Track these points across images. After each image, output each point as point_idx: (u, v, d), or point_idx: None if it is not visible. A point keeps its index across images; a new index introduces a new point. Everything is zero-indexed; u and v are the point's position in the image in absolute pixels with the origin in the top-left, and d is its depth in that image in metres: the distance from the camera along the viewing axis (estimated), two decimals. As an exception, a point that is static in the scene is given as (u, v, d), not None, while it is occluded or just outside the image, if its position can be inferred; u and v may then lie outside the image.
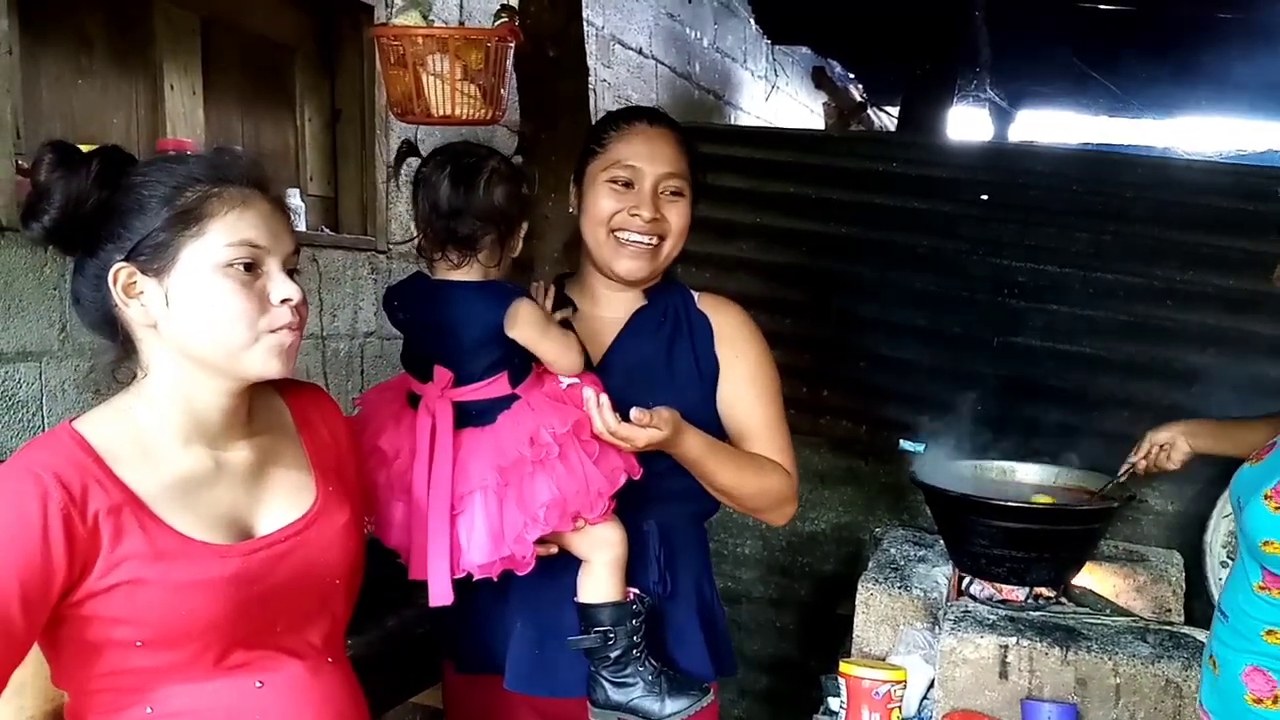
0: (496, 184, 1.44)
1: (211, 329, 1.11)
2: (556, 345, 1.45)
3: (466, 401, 1.44)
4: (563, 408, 1.43)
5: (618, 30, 4.47)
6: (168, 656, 1.09)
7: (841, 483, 2.93)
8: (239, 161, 1.17)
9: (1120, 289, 2.59)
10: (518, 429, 1.41)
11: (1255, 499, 1.37)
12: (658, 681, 1.49)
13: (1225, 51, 4.67)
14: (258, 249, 1.12)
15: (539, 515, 1.40)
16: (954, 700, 1.95)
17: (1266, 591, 1.35)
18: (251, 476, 1.20)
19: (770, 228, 2.93)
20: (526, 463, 1.40)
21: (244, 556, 1.13)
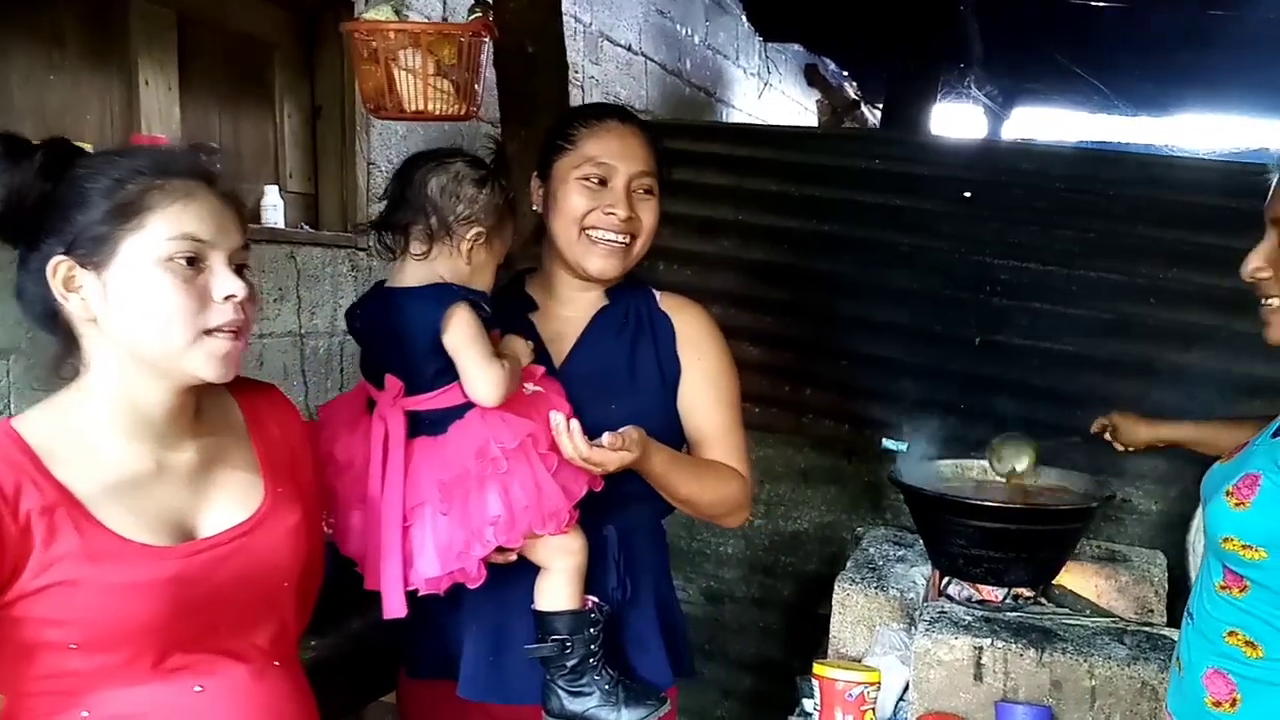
0: (434, 176, 1.42)
1: (149, 325, 1.09)
2: (475, 365, 1.37)
3: (420, 410, 1.42)
4: (517, 420, 1.39)
5: (606, 27, 4.44)
6: (103, 659, 1.07)
7: (824, 482, 2.91)
8: (185, 154, 1.16)
9: (1103, 287, 2.57)
10: (465, 441, 1.38)
11: (1218, 495, 1.35)
12: (614, 691, 1.47)
13: (1216, 50, 4.66)
14: (200, 243, 1.10)
15: (485, 533, 1.36)
16: (928, 702, 1.94)
17: (1227, 591, 1.33)
18: (197, 477, 1.18)
19: (752, 225, 2.91)
20: (471, 477, 1.36)
21: (184, 558, 1.11)
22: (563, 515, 1.41)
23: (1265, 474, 1.27)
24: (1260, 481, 1.27)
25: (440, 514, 1.38)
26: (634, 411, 1.55)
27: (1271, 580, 1.26)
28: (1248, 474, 1.30)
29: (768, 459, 2.95)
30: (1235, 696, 1.31)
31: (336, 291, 2.93)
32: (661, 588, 1.66)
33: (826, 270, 2.86)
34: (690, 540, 3.02)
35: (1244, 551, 1.28)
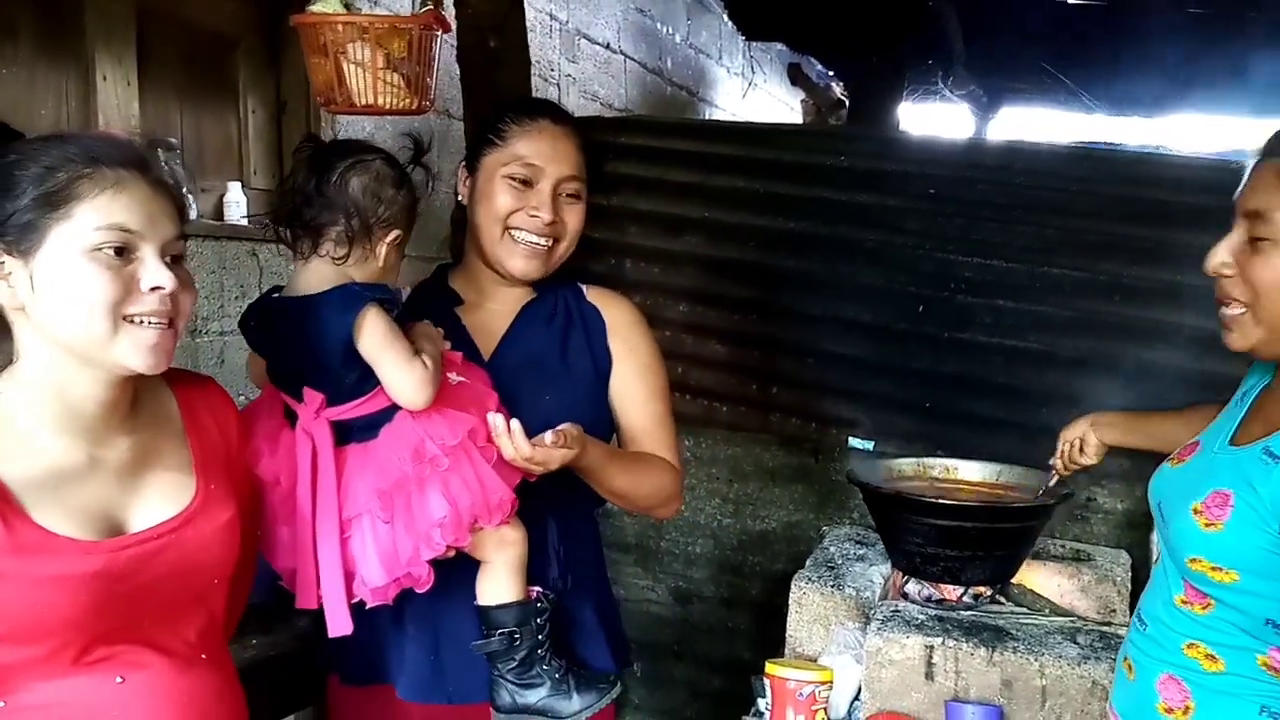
0: (355, 176, 1.37)
1: (73, 314, 1.08)
2: (396, 368, 1.32)
3: (347, 419, 1.37)
4: (454, 415, 1.36)
5: (583, 25, 4.43)
6: (24, 652, 1.06)
7: (792, 481, 2.89)
8: (118, 143, 1.14)
9: (1067, 284, 2.55)
10: (399, 444, 1.34)
11: (1183, 512, 1.30)
12: (565, 679, 1.46)
13: (1198, 49, 4.65)
14: (130, 234, 1.09)
15: (432, 535, 1.33)
16: (880, 701, 1.92)
17: (1188, 606, 1.30)
18: (128, 471, 1.16)
19: (718, 222, 2.89)
20: (410, 480, 1.33)
21: (110, 553, 1.10)
22: (505, 506, 1.39)
23: (1237, 493, 1.24)
24: (1232, 501, 1.24)
25: (382, 522, 1.34)
26: (567, 401, 1.55)
27: (1240, 602, 1.24)
28: (1217, 491, 1.27)
29: (735, 457, 2.93)
30: (1189, 704, 1.29)
31: (299, 288, 2.91)
32: (599, 578, 1.67)
33: (793, 268, 2.84)
34: (659, 540, 3.00)
35: (1213, 573, 1.25)
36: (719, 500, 2.94)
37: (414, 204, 1.44)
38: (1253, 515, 1.21)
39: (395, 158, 1.44)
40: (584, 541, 1.63)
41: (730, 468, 2.92)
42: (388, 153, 1.44)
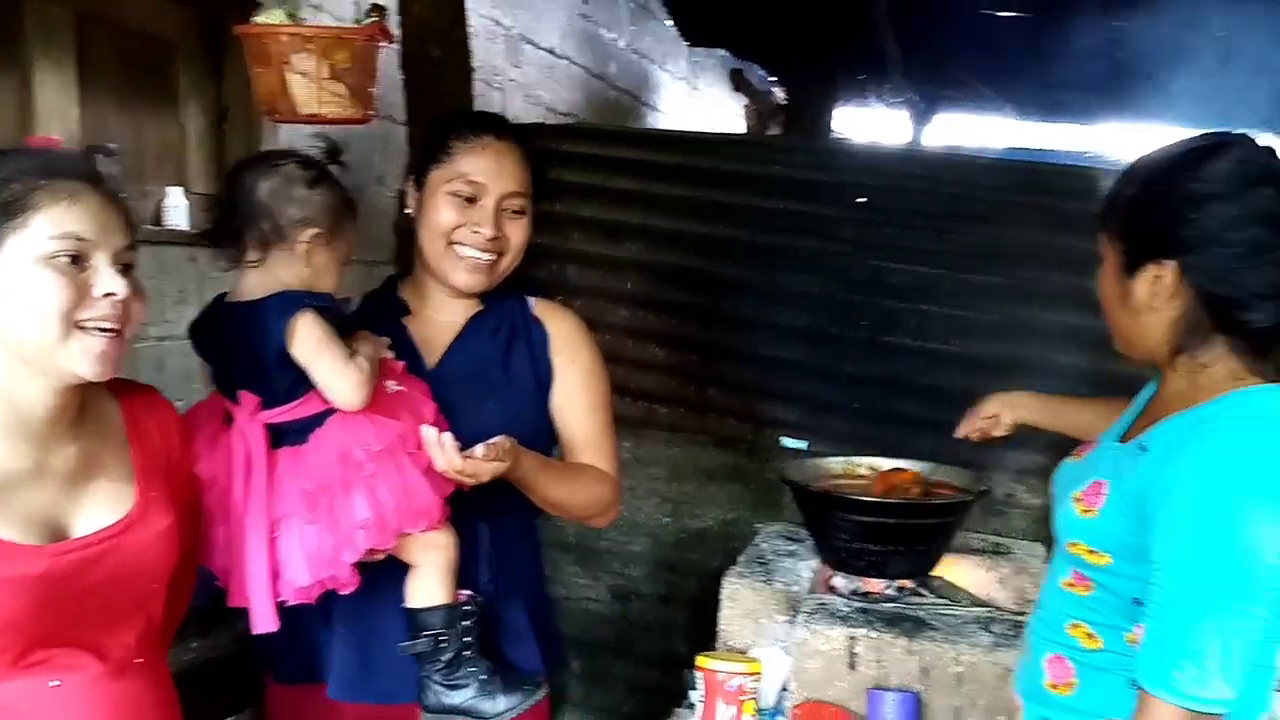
0: (263, 180, 1.42)
1: (27, 320, 1.11)
2: (332, 370, 1.37)
3: (280, 422, 1.42)
4: (382, 421, 1.41)
5: (528, 30, 4.47)
6: None
7: (728, 480, 2.97)
8: (71, 155, 1.18)
9: (989, 290, 2.67)
10: (327, 448, 1.39)
11: (1066, 500, 1.41)
12: (491, 680, 1.50)
13: (1123, 60, 4.83)
14: (84, 242, 1.13)
15: (355, 537, 1.38)
16: (806, 691, 2.00)
17: (1072, 588, 1.39)
18: (73, 478, 1.19)
19: (659, 229, 2.97)
20: (336, 483, 1.37)
21: (53, 558, 1.13)
22: (433, 513, 1.43)
23: (1110, 482, 1.33)
24: (1105, 490, 1.33)
25: (308, 523, 1.39)
26: (509, 412, 1.60)
27: (1113, 583, 1.33)
28: (1095, 481, 1.36)
29: (674, 458, 3.02)
30: (1072, 681, 1.38)
31: (242, 293, 2.93)
32: (534, 582, 1.71)
33: (731, 274, 2.93)
34: (598, 540, 3.07)
35: (1089, 556, 1.35)
36: (658, 500, 3.02)
37: (338, 203, 1.47)
38: (1121, 502, 1.31)
39: (314, 159, 1.48)
40: (519, 547, 1.67)
41: (669, 468, 3.00)
42: (306, 155, 1.49)
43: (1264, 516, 1.18)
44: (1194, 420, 1.28)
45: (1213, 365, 1.30)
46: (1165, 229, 1.29)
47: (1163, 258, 1.29)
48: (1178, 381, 1.34)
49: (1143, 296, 1.31)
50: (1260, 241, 1.25)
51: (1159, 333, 1.32)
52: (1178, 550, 1.21)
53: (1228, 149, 1.29)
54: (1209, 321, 1.29)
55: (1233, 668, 1.18)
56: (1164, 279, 1.29)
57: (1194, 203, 1.27)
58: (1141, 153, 1.39)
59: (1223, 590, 1.18)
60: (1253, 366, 1.29)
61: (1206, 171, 1.27)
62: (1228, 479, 1.20)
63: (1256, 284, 1.26)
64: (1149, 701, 1.21)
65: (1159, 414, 1.35)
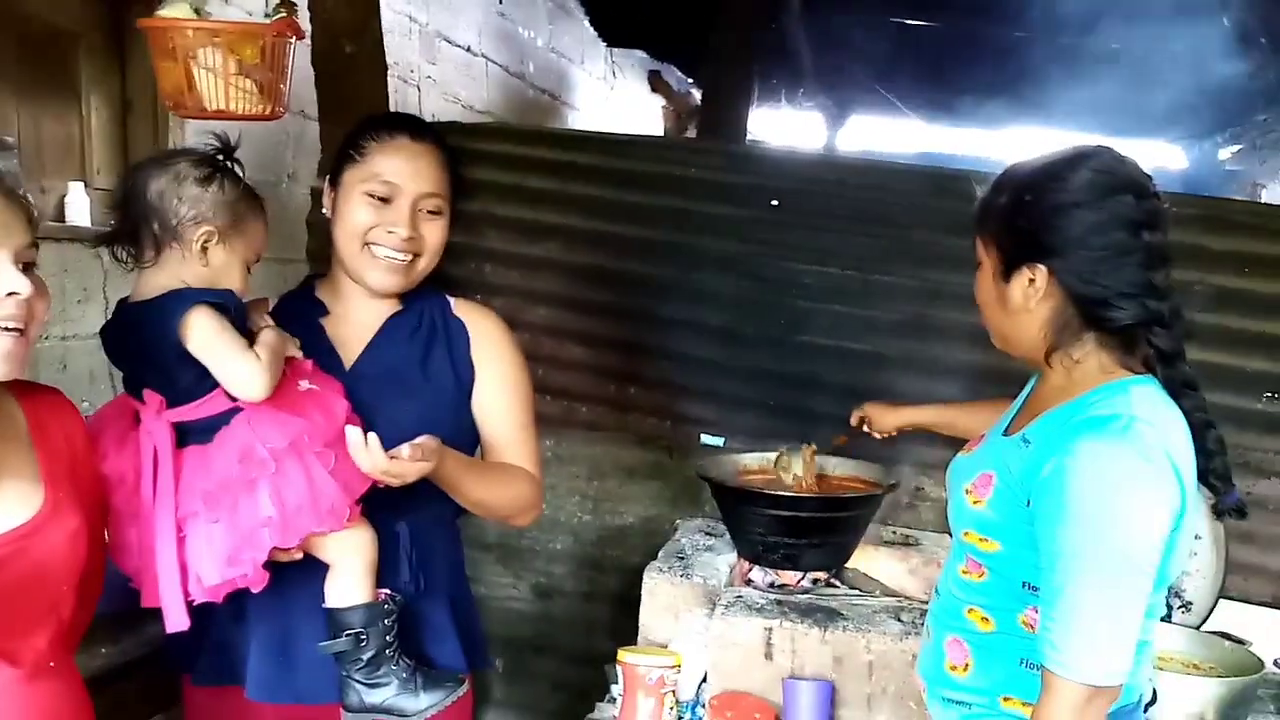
0: (152, 180, 1.41)
1: None
2: (229, 362, 1.37)
3: (186, 421, 1.41)
4: (287, 418, 1.40)
5: (443, 27, 4.44)
6: None
7: (648, 477, 3.01)
8: None
9: (896, 290, 2.75)
10: (231, 446, 1.38)
11: (958, 492, 1.48)
12: (412, 678, 1.50)
13: (1026, 68, 5.03)
14: None
15: (259, 536, 1.37)
16: (724, 682, 2.05)
17: (968, 575, 1.47)
18: None
19: (576, 229, 2.98)
20: (236, 482, 1.36)
21: None
22: (342, 512, 1.42)
23: (998, 474, 1.41)
24: (994, 481, 1.41)
25: (211, 522, 1.37)
26: (427, 413, 1.60)
27: (1004, 568, 1.41)
28: (983, 473, 1.44)
29: (594, 456, 3.03)
30: (968, 662, 1.45)
31: (149, 293, 2.85)
32: (456, 582, 1.71)
33: (648, 274, 2.96)
34: (520, 538, 3.07)
35: (981, 544, 1.42)
36: (579, 498, 3.03)
37: (235, 200, 1.44)
38: (1008, 492, 1.39)
39: (209, 157, 1.45)
40: (439, 545, 1.67)
41: (590, 466, 3.02)
42: (201, 153, 1.46)
43: (1138, 500, 1.27)
44: (1071, 412, 1.36)
45: (1084, 361, 1.40)
46: (1036, 235, 1.38)
47: (1035, 261, 1.38)
48: (1054, 377, 1.43)
49: (1018, 298, 1.40)
50: (1121, 244, 1.35)
51: (1034, 331, 1.41)
52: (1064, 536, 1.28)
53: (1089, 159, 1.39)
54: (1079, 319, 1.38)
55: (1125, 642, 1.27)
56: (1037, 281, 1.38)
57: (1060, 210, 1.36)
58: (1012, 163, 1.49)
59: (1109, 570, 1.26)
60: (1121, 360, 1.39)
61: (1071, 181, 1.37)
62: (1102, 466, 1.27)
63: (1119, 283, 1.35)
64: (1054, 682, 1.27)
65: (1039, 408, 1.44)
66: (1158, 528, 1.27)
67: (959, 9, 4.66)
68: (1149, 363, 1.38)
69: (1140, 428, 1.29)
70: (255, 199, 1.49)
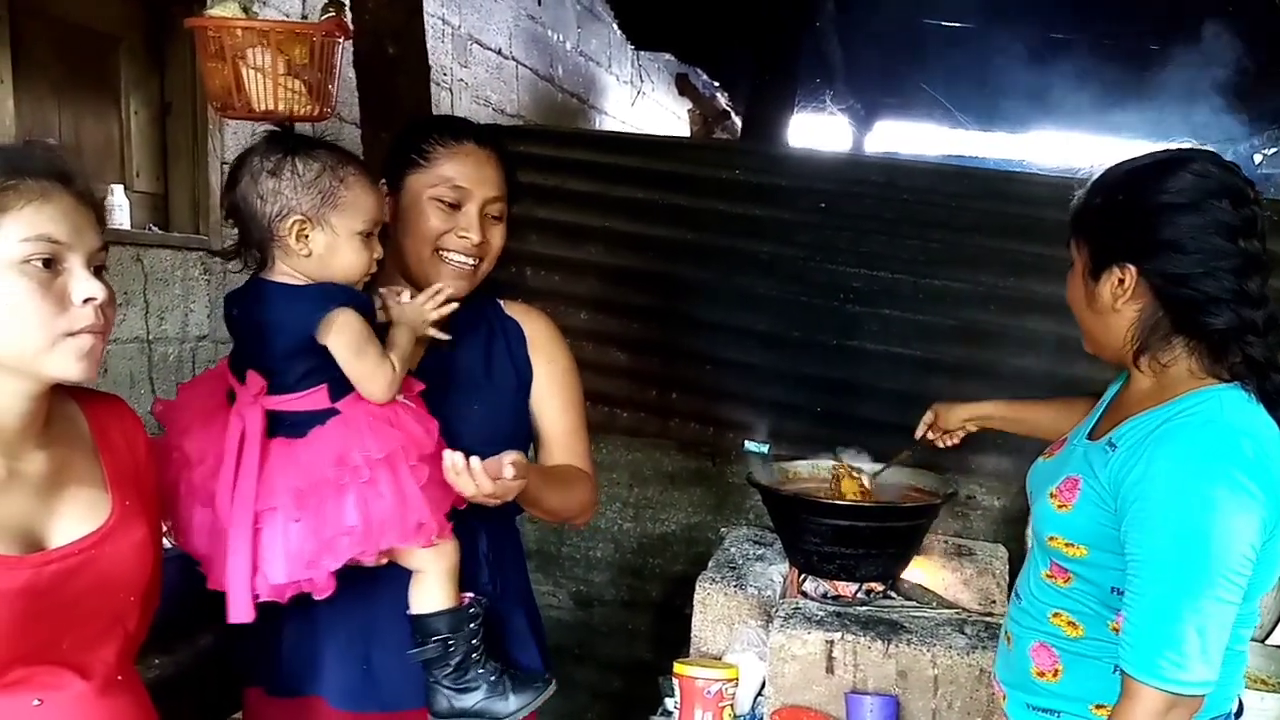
0: (235, 186, 1.40)
1: (5, 329, 1.06)
2: (366, 368, 1.36)
3: (280, 410, 1.38)
4: (385, 429, 1.37)
5: (475, 30, 4.42)
6: None
7: (690, 484, 2.96)
8: (39, 153, 1.12)
9: (948, 294, 2.70)
10: (326, 448, 1.35)
11: (1042, 496, 1.46)
12: (500, 681, 1.48)
13: (1058, 70, 4.97)
14: (57, 245, 1.07)
15: (339, 544, 1.34)
16: (784, 696, 2.00)
17: (1052, 580, 1.44)
18: (45, 486, 1.14)
19: (618, 232, 2.95)
20: (328, 485, 1.33)
21: (35, 569, 1.08)
22: (430, 529, 1.39)
23: (1084, 478, 1.39)
24: (1080, 485, 1.39)
25: (292, 521, 1.34)
26: (492, 413, 1.59)
27: (1091, 574, 1.38)
28: (1069, 477, 1.42)
29: (635, 462, 2.99)
30: (1058, 668, 1.42)
31: (188, 296, 2.83)
32: (524, 584, 1.70)
33: (690, 277, 2.92)
34: (559, 545, 3.03)
35: (1067, 549, 1.40)
36: (619, 505, 2.99)
37: (315, 179, 1.38)
38: (1095, 496, 1.37)
39: (275, 143, 1.41)
40: (510, 547, 1.66)
41: (630, 472, 2.98)
42: (267, 142, 1.41)
43: (1230, 507, 1.24)
44: (1160, 417, 1.34)
45: (1173, 365, 1.37)
46: (1129, 235, 1.36)
47: (1125, 261, 1.36)
48: (1142, 380, 1.41)
49: (1106, 298, 1.38)
50: (1216, 249, 1.32)
51: (1121, 332, 1.39)
52: (1152, 542, 1.26)
53: (1189, 162, 1.36)
54: (1168, 323, 1.36)
55: (1211, 652, 1.24)
56: (1125, 281, 1.36)
57: (1156, 212, 1.34)
58: (1108, 163, 1.46)
59: (1197, 579, 1.24)
60: (1209, 368, 1.36)
61: (1169, 183, 1.35)
62: (1195, 472, 1.25)
63: (1213, 289, 1.32)
64: (1135, 688, 1.25)
65: (1125, 412, 1.41)
66: (1248, 536, 1.25)
67: (994, 11, 4.62)
68: (1236, 370, 1.35)
69: (1231, 435, 1.27)
70: (343, 167, 1.41)
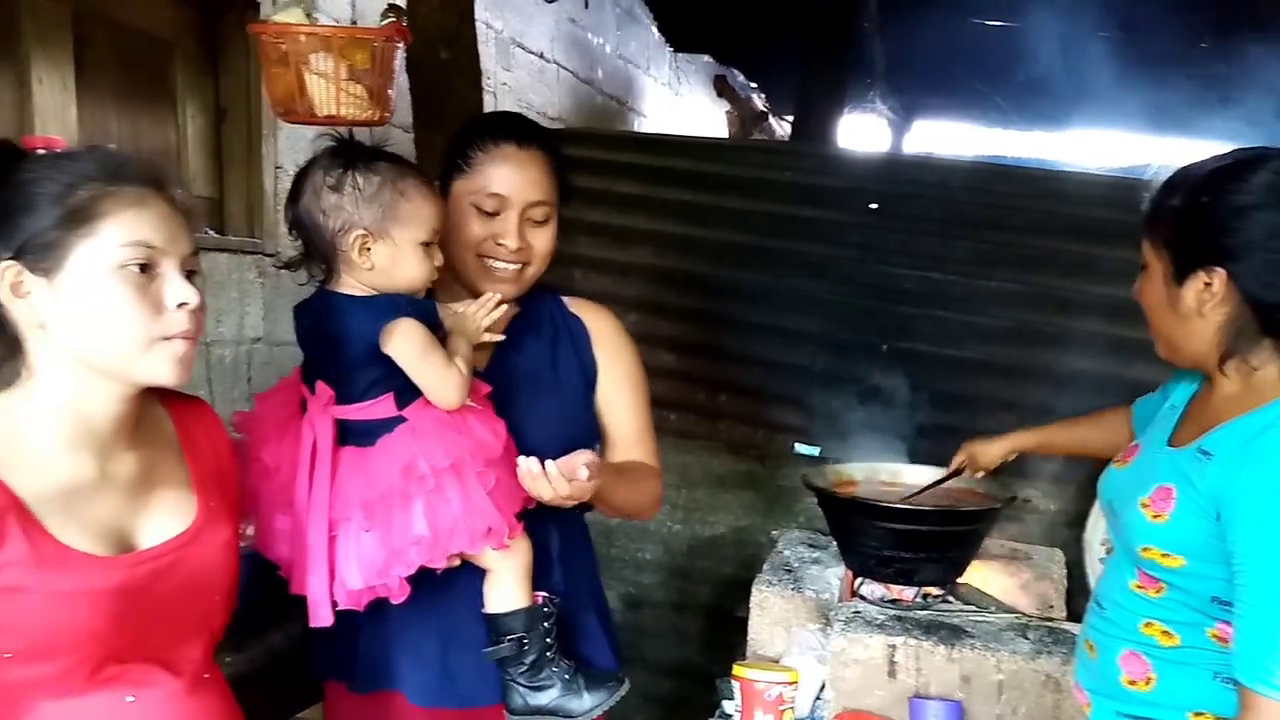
0: (297, 201, 1.41)
1: (102, 332, 1.08)
2: (433, 374, 1.37)
3: (349, 420, 1.40)
4: (451, 436, 1.38)
5: (517, 34, 4.44)
6: (39, 670, 1.05)
7: (740, 486, 2.95)
8: (136, 160, 1.15)
9: (1002, 296, 2.68)
10: (393, 457, 1.36)
11: (1131, 506, 1.43)
12: (574, 679, 1.49)
13: (1103, 69, 4.91)
14: (153, 250, 1.10)
15: (408, 553, 1.35)
16: (845, 700, 1.98)
17: (1143, 590, 1.42)
18: (134, 488, 1.17)
19: (666, 234, 2.95)
20: (395, 494, 1.35)
21: (128, 569, 1.11)
22: (500, 532, 1.40)
23: (1178, 488, 1.36)
24: (1174, 494, 1.36)
25: (363, 530, 1.36)
26: (561, 411, 1.59)
27: (1187, 583, 1.36)
28: (1160, 486, 1.39)
29: (685, 465, 2.98)
30: (1150, 676, 1.40)
31: (243, 299, 2.85)
32: (596, 583, 1.71)
33: (739, 279, 2.91)
34: (608, 546, 3.03)
35: (1163, 559, 1.37)
36: (669, 507, 2.99)
37: (376, 193, 1.39)
38: (1194, 506, 1.33)
39: (335, 157, 1.41)
40: (580, 547, 1.67)
41: (680, 475, 2.97)
42: (328, 156, 1.42)
43: None
44: (1258, 423, 1.31)
45: (1263, 368, 1.35)
46: (1213, 237, 1.34)
47: (1212, 264, 1.33)
48: (1227, 385, 1.38)
49: (1191, 302, 1.36)
50: None
51: (1207, 337, 1.36)
52: (1261, 549, 1.24)
53: (1269, 160, 1.34)
54: (1255, 325, 1.33)
55: None
56: (1213, 285, 1.34)
57: (1239, 212, 1.32)
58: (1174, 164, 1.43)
59: None
60: None
61: (1250, 182, 1.32)
62: None
63: None
64: (1252, 699, 1.22)
65: (1213, 418, 1.38)
66: None
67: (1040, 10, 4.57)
68: None
69: None
70: (402, 179, 1.41)
